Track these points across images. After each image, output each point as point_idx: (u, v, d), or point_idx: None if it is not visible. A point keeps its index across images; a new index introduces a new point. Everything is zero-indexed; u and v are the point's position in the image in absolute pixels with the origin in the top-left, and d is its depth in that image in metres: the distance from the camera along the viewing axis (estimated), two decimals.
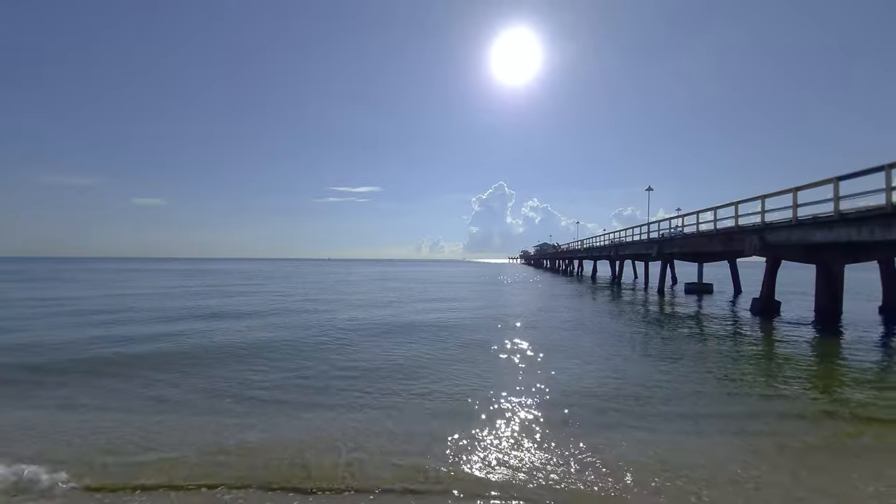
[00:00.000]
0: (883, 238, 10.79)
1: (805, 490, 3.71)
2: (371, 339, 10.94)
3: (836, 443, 4.74)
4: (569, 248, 58.21)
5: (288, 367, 8.04)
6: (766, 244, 15.05)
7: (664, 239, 24.54)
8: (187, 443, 4.66)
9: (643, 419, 5.37)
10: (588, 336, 11.50)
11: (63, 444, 4.65)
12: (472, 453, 4.41)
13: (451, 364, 8.28)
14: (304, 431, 5.00)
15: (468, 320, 14.27)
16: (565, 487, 3.75)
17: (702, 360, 8.68)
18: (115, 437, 4.83)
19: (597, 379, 7.26)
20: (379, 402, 6.09)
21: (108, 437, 4.83)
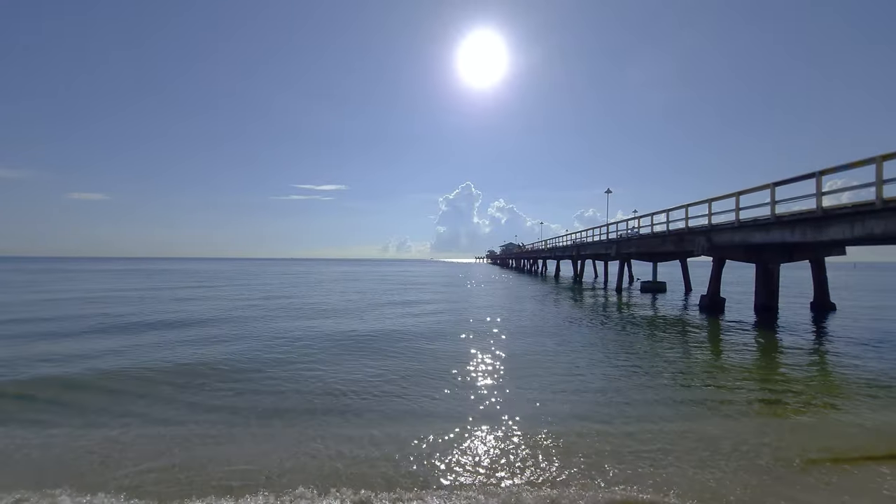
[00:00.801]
0: (814, 239, 11.70)
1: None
2: (313, 359, 8.68)
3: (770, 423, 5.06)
4: (533, 248, 59.49)
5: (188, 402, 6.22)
6: (712, 245, 15.97)
7: (622, 239, 25.53)
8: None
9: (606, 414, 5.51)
10: (551, 342, 10.94)
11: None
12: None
13: (399, 398, 6.31)
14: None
15: (431, 329, 12.33)
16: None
17: (655, 357, 9.05)
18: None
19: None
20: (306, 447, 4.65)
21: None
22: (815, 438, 4.91)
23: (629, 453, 4.47)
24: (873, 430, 5.18)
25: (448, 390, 6.69)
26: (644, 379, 7.37)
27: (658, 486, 3.83)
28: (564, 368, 8.10)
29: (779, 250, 15.01)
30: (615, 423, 5.33)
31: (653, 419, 5.46)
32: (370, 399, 6.24)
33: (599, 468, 4.16)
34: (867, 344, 10.49)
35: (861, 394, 6.59)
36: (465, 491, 3.76)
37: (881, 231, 9.83)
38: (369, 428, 5.15)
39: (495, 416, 5.58)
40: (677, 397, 6.41)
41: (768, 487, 3.83)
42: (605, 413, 5.69)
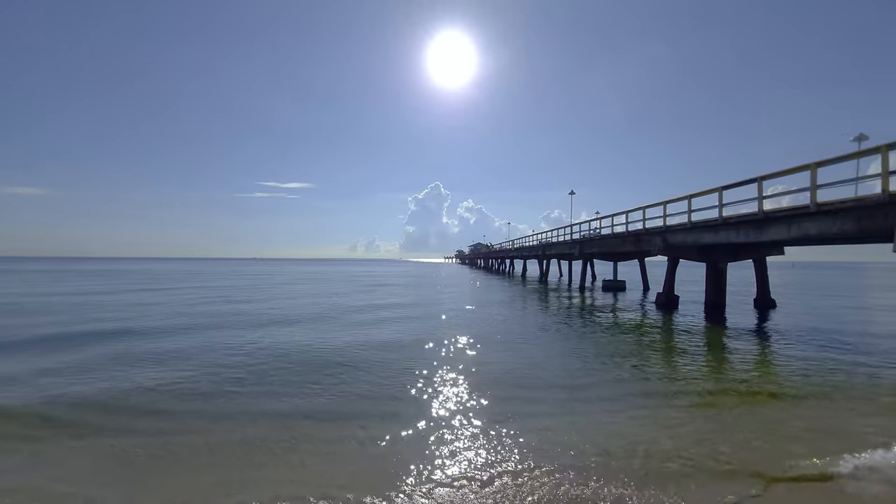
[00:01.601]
0: (756, 240, 12.55)
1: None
2: (241, 395, 6.45)
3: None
4: (501, 248, 60.36)
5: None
6: (667, 245, 16.80)
7: (585, 240, 26.38)
8: None
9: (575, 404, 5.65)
10: (525, 352, 9.66)
11: None
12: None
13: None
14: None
15: (394, 344, 10.07)
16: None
17: (616, 351, 9.42)
18: None
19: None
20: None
21: None
22: (750, 421, 5.28)
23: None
24: (795, 414, 5.63)
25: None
26: (613, 374, 7.65)
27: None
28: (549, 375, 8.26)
29: (726, 250, 16.01)
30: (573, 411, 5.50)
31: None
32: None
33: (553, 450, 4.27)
34: (800, 337, 11.38)
35: (790, 383, 7.15)
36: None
37: (816, 232, 10.69)
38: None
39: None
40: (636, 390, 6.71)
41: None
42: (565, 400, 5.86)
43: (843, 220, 9.89)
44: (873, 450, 4.46)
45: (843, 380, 7.30)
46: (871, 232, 9.54)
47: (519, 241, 48.01)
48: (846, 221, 9.84)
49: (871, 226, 9.36)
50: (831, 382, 7.12)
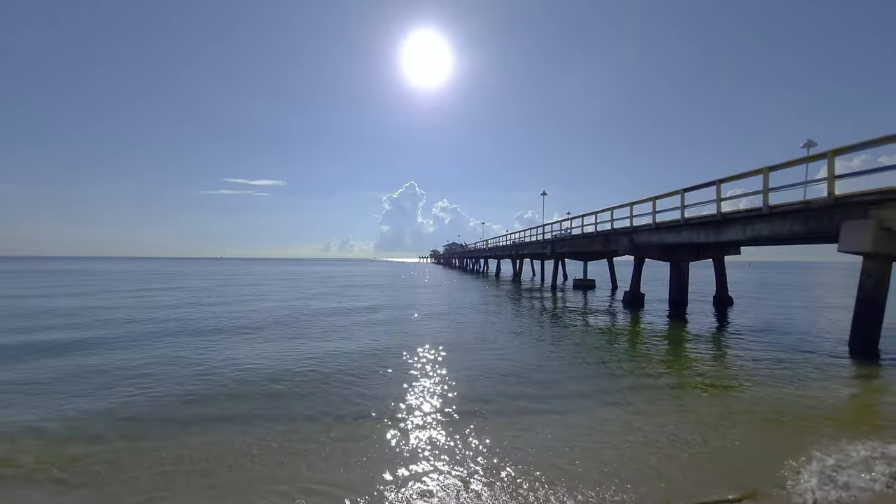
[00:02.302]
0: (715, 240, 13.14)
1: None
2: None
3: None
4: (475, 248, 60.76)
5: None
6: (634, 245, 17.35)
7: (556, 240, 26.90)
8: None
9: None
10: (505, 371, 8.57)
11: None
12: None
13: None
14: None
15: (357, 365, 8.11)
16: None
17: (585, 347, 9.63)
18: None
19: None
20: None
21: None
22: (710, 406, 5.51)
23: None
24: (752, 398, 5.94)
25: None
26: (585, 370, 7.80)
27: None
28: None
29: (688, 250, 16.70)
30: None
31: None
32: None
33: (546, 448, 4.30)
34: (754, 332, 12.04)
35: (744, 374, 7.53)
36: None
37: (768, 233, 11.29)
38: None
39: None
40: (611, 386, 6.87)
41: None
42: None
43: (793, 222, 10.50)
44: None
45: (789, 374, 7.75)
46: (818, 233, 10.16)
47: (493, 242, 48.48)
48: (795, 223, 10.45)
49: (819, 227, 9.97)
50: (777, 376, 7.55)
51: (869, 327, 9.14)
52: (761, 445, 4.63)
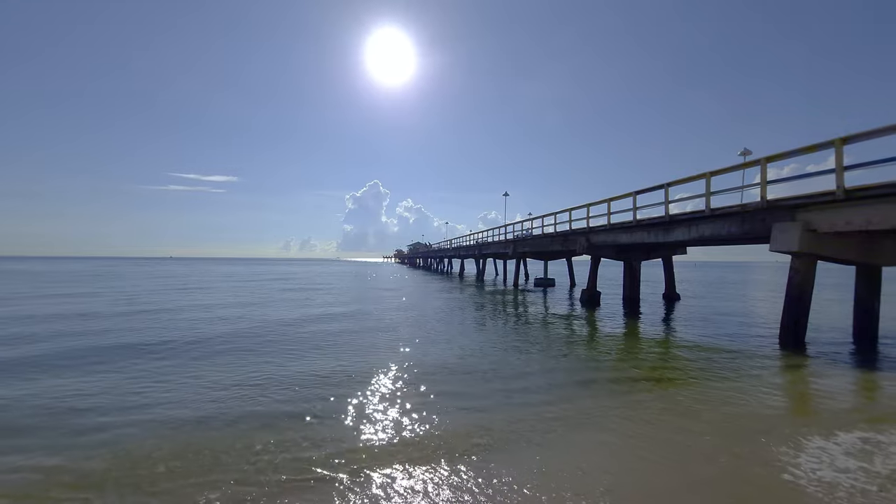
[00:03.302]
0: (664, 240, 13.87)
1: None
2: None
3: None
4: (440, 247, 60.86)
5: None
6: (590, 244, 18.00)
7: (518, 239, 27.44)
8: None
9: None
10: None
11: None
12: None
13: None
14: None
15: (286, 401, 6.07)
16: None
17: (547, 343, 9.82)
18: None
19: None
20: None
21: None
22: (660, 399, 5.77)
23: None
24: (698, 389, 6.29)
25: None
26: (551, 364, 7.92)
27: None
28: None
29: (640, 250, 17.56)
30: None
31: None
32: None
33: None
34: (697, 325, 12.84)
35: (687, 365, 7.98)
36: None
37: (710, 233, 12.06)
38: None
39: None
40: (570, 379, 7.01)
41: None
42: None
43: (731, 224, 11.27)
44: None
45: (727, 365, 8.30)
46: (753, 234, 10.97)
47: (457, 242, 48.74)
48: (733, 224, 11.22)
49: (753, 228, 10.76)
50: (716, 367, 8.07)
51: (796, 321, 9.98)
52: (697, 427, 4.90)
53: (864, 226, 8.53)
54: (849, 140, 8.32)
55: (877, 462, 4.15)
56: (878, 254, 10.07)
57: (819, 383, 7.05)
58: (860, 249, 9.90)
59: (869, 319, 10.51)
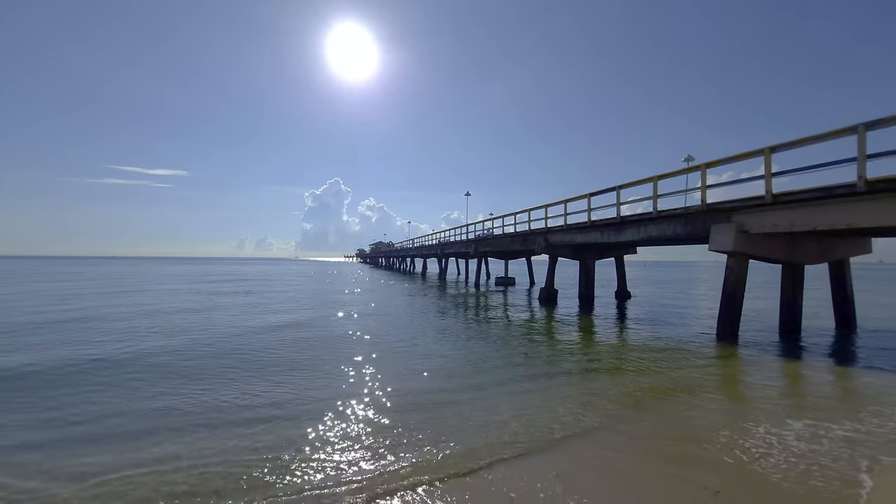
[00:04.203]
0: (616, 240, 14.52)
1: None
2: None
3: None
4: (402, 247, 60.39)
5: None
6: (548, 244, 18.52)
7: (479, 239, 27.76)
8: None
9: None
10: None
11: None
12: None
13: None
14: None
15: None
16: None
17: (503, 340, 9.97)
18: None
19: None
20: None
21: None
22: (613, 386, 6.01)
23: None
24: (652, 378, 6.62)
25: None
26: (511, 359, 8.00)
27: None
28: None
29: (594, 249, 18.30)
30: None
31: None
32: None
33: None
34: (646, 321, 13.57)
35: (636, 356, 8.41)
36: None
37: (657, 234, 12.77)
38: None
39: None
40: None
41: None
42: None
43: (676, 224, 12.00)
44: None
45: (672, 355, 8.83)
46: (695, 234, 11.73)
47: (419, 241, 48.56)
48: (677, 226, 11.95)
49: (695, 229, 11.52)
50: (662, 357, 8.56)
51: (731, 315, 10.79)
52: (645, 411, 5.16)
53: (788, 228, 9.36)
54: (777, 149, 9.10)
55: (789, 439, 4.56)
56: (800, 253, 11.11)
57: (749, 371, 7.66)
58: (785, 249, 10.87)
59: (793, 313, 11.56)
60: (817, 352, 9.38)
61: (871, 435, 4.76)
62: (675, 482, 3.77)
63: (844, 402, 6.22)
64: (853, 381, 7.22)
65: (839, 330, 11.89)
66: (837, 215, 8.50)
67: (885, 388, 6.69)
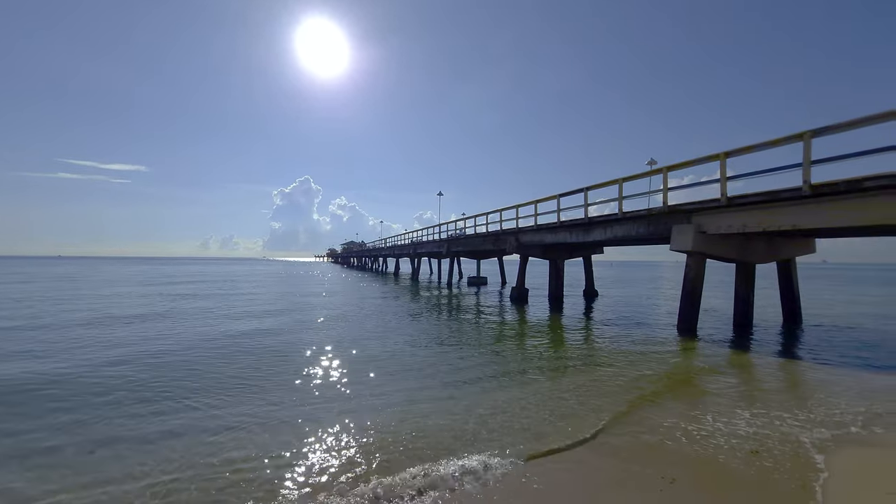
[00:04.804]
0: (584, 240, 14.91)
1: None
2: None
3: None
4: (374, 246, 59.72)
5: None
6: (520, 244, 18.80)
7: (451, 239, 27.83)
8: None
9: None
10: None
11: None
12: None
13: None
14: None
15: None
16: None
17: (475, 339, 10.01)
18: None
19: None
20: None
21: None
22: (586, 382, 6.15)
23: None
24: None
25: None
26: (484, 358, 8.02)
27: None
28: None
29: (563, 249, 18.72)
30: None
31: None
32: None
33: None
34: (612, 318, 14.03)
35: (604, 351, 8.67)
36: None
37: (622, 234, 13.21)
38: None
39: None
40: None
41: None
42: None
43: (639, 225, 12.45)
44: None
45: (637, 349, 9.17)
46: (657, 234, 12.22)
47: (392, 241, 48.16)
48: (641, 226, 12.40)
49: (657, 230, 11.99)
50: (628, 351, 8.87)
51: (690, 311, 11.31)
52: (613, 399, 5.31)
53: (741, 228, 9.91)
54: (731, 154, 9.61)
55: (741, 425, 4.82)
56: (752, 253, 11.78)
57: (705, 364, 8.04)
58: (739, 249, 11.51)
59: (746, 309, 12.25)
60: (767, 345, 10.00)
61: (818, 422, 5.10)
62: (632, 473, 3.89)
63: (791, 391, 6.64)
64: (800, 372, 7.73)
65: (787, 324, 12.70)
66: (785, 217, 9.07)
67: (829, 378, 7.20)
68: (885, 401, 5.89)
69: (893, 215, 7.51)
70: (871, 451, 4.30)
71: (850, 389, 6.45)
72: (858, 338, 10.99)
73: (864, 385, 6.72)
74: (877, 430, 4.85)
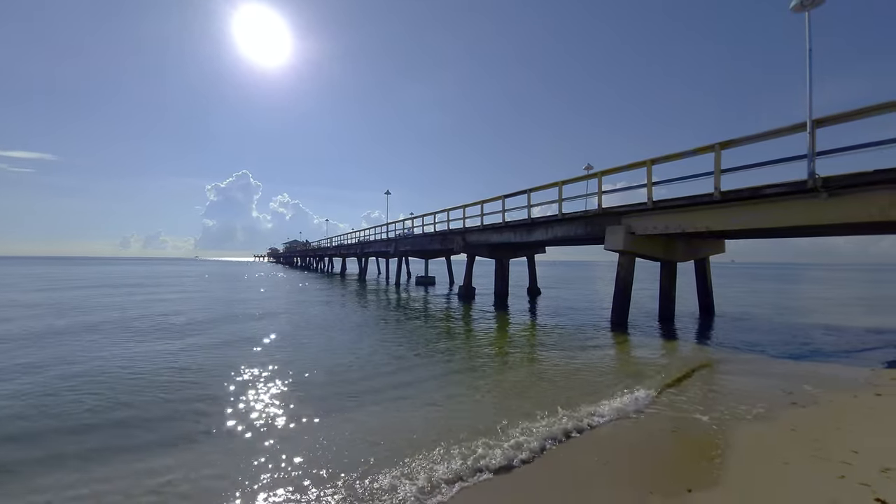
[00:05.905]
0: (527, 240, 15.51)
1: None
2: None
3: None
4: (320, 246, 57.61)
5: None
6: (466, 243, 19.12)
7: (399, 238, 27.63)
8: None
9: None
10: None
11: None
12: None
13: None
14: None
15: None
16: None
17: (418, 336, 9.98)
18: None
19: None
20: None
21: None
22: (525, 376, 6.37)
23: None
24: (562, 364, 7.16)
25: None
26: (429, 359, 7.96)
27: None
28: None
29: (508, 249, 19.35)
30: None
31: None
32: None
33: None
34: (553, 314, 14.73)
35: (544, 344, 9.09)
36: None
37: (562, 235, 13.92)
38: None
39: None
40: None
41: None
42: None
43: (577, 226, 13.21)
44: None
45: (574, 342, 9.71)
46: (594, 235, 13.04)
47: (338, 240, 46.75)
48: (579, 227, 13.16)
49: (593, 231, 12.80)
50: (566, 344, 9.37)
51: (622, 307, 12.19)
52: (558, 390, 5.58)
53: (664, 230, 10.87)
54: (657, 161, 10.50)
55: (666, 401, 5.29)
56: (673, 252, 12.96)
57: (638, 351, 8.73)
58: (663, 249, 12.61)
59: (669, 303, 13.46)
60: (687, 334, 11.07)
61: (724, 395, 5.73)
62: (569, 453, 4.12)
63: (702, 372, 7.40)
64: (712, 355, 8.64)
65: (702, 317, 14.15)
66: (700, 220, 10.10)
67: (733, 359, 8.14)
68: (781, 381, 6.76)
69: (788, 217, 8.66)
70: (768, 426, 4.91)
71: (752, 373, 7.33)
72: (758, 327, 12.53)
73: (764, 369, 7.67)
74: (773, 409, 5.55)
